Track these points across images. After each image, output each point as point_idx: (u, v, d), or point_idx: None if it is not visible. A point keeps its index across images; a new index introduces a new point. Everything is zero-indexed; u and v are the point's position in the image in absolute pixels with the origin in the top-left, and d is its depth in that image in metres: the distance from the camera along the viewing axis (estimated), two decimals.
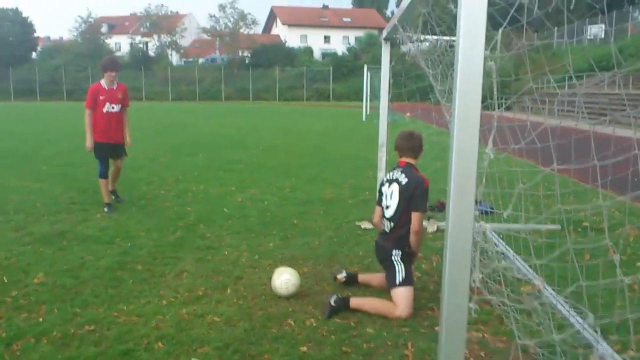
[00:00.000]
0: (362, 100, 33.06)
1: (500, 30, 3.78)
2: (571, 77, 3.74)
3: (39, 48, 70.71)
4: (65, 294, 4.89)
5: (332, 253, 6.19)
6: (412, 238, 4.69)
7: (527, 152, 4.09)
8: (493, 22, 3.82)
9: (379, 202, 5.00)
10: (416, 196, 4.64)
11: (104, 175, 8.22)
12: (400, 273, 4.62)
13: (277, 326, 4.31)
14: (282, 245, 6.46)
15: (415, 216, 4.64)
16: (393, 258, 4.71)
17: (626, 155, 3.11)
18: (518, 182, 3.70)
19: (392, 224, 4.79)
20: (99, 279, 5.28)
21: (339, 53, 67.87)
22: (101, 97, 7.98)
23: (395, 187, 4.76)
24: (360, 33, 70.21)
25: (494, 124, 3.70)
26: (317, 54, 71.43)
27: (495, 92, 3.61)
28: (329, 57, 66.04)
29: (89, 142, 8.07)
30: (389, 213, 4.81)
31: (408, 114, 16.34)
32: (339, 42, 77.66)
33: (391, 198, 4.78)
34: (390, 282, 4.67)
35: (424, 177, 4.74)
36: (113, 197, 8.50)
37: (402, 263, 4.67)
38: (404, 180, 4.71)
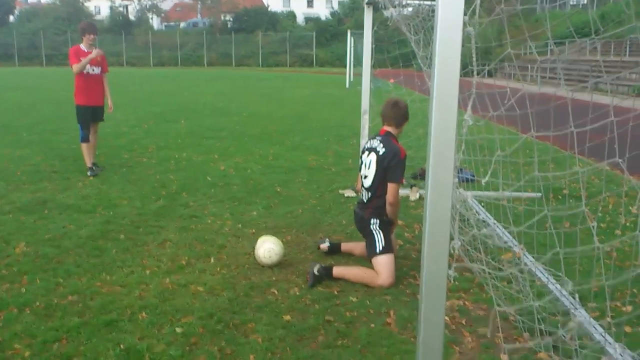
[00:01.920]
0: (345, 67, 32.81)
1: None
2: (553, 43, 3.71)
3: (16, 11, 69.13)
4: (47, 264, 4.88)
5: (316, 221, 6.21)
6: (388, 209, 4.71)
7: (508, 119, 4.10)
8: None
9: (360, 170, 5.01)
10: (392, 167, 4.64)
11: (85, 139, 8.22)
12: (379, 242, 4.66)
13: (261, 295, 4.34)
14: (265, 214, 6.47)
15: (390, 187, 4.65)
16: (372, 227, 4.74)
17: (603, 121, 3.13)
18: (498, 149, 3.72)
19: (369, 193, 4.80)
20: (81, 249, 5.27)
21: (322, 18, 67.11)
22: (82, 59, 7.92)
23: (373, 156, 4.76)
24: None
25: (473, 90, 3.70)
26: (300, 19, 70.57)
27: (474, 59, 3.59)
28: (312, 22, 65.29)
29: (93, 53, 8.04)
30: (366, 183, 4.82)
31: (392, 81, 16.27)
32: (322, 5, 76.80)
33: (369, 168, 4.79)
34: (371, 251, 4.70)
35: (401, 148, 4.73)
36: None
37: (381, 232, 4.70)
38: (381, 150, 4.71)
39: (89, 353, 3.47)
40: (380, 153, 4.70)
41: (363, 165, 4.89)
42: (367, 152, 4.88)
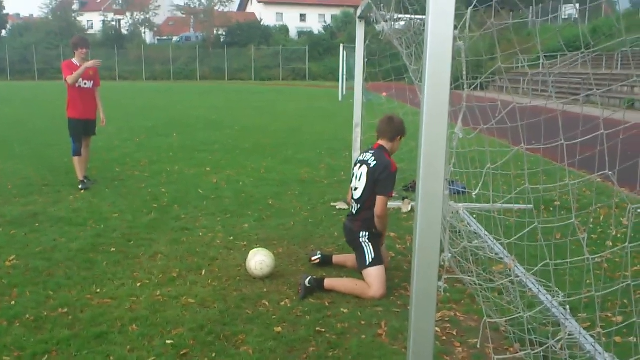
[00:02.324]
0: (338, 80, 32.92)
1: (469, 10, 3.79)
2: (544, 57, 3.75)
3: (8, 26, 69.15)
4: (37, 277, 4.86)
5: (308, 234, 6.21)
6: (377, 221, 4.71)
7: (499, 131, 4.13)
8: (468, 1, 3.83)
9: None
10: (382, 180, 4.66)
11: (77, 152, 8.22)
12: (369, 254, 4.66)
13: (252, 307, 4.33)
14: (257, 226, 6.47)
15: (379, 200, 4.65)
16: (361, 240, 4.74)
17: (594, 134, 3.16)
18: (489, 161, 3.74)
19: (359, 205, 4.82)
20: (72, 262, 5.24)
21: (315, 32, 67.39)
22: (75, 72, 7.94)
23: (364, 169, 4.78)
24: (337, 11, 69.60)
25: (463, 104, 3.73)
26: (292, 33, 70.81)
27: (464, 72, 3.62)
28: (305, 36, 65.54)
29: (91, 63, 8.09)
30: (356, 195, 4.84)
31: (384, 94, 16.33)
32: (315, 20, 76.99)
33: (359, 180, 4.81)
34: (361, 264, 4.71)
35: (392, 162, 4.76)
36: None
37: (370, 244, 4.71)
38: (372, 162, 4.74)
39: None
40: (372, 165, 4.72)
41: (354, 178, 4.90)
42: (358, 165, 4.90)
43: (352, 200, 4.93)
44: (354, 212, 4.89)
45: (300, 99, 29.90)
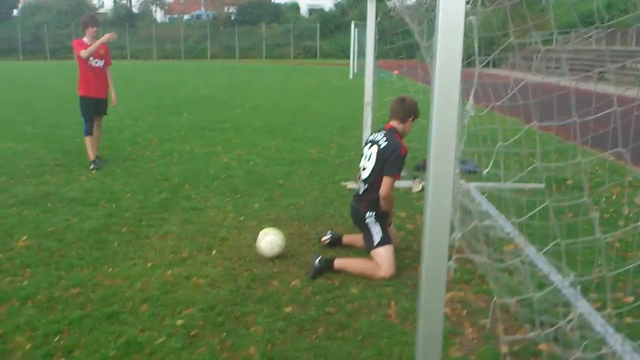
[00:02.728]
0: (349, 58, 32.71)
1: None
2: (558, 33, 3.69)
3: (19, 5, 69.11)
4: (49, 257, 4.89)
5: (318, 214, 6.20)
6: (382, 202, 4.68)
7: (511, 109, 4.08)
8: None
9: None
10: (390, 161, 4.62)
11: (89, 132, 8.25)
12: (377, 234, 4.65)
13: (262, 287, 4.34)
14: (267, 206, 6.47)
15: (385, 180, 4.60)
16: (367, 220, 4.73)
17: (607, 111, 3.11)
18: (500, 140, 3.70)
19: (366, 185, 4.79)
20: (84, 242, 5.28)
21: (326, 9, 66.84)
22: (88, 47, 7.94)
23: (374, 149, 4.75)
24: None
25: (475, 80, 3.68)
26: (303, 10, 70.31)
27: (476, 48, 3.57)
28: (316, 14, 65.06)
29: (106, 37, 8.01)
30: (364, 174, 4.81)
31: (396, 72, 16.22)
32: None
33: (368, 160, 4.78)
34: (369, 244, 4.69)
35: (403, 144, 4.72)
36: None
37: (377, 224, 4.69)
38: (383, 143, 4.70)
39: (90, 345, 3.48)
40: (382, 146, 4.68)
41: (363, 157, 4.87)
42: (369, 145, 4.86)
43: (360, 181, 4.91)
44: (361, 192, 4.87)
45: (311, 77, 29.77)
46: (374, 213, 4.72)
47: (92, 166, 8.17)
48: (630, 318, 3.66)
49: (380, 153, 4.68)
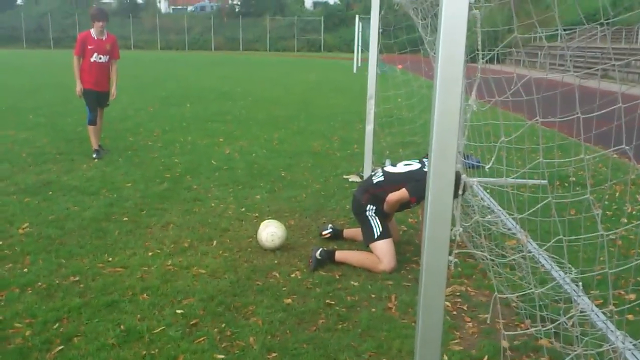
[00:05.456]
0: (353, 52, 32.66)
1: None
2: (563, 29, 3.66)
3: None
4: (50, 245, 4.89)
5: (319, 206, 6.19)
6: (385, 204, 4.62)
7: (515, 105, 4.06)
8: None
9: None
10: (420, 182, 4.48)
11: (93, 122, 8.24)
12: (376, 227, 4.61)
13: (262, 278, 4.33)
14: (269, 198, 6.46)
15: (402, 192, 4.50)
16: (367, 213, 4.69)
17: (611, 108, 3.09)
18: (503, 135, 3.68)
19: (383, 180, 4.73)
20: (85, 230, 5.27)
21: (331, 2, 66.71)
22: (89, 47, 7.98)
23: (418, 164, 4.73)
24: None
25: (478, 75, 3.65)
26: (308, 3, 70.18)
27: (479, 43, 3.55)
28: (321, 7, 64.96)
29: (78, 88, 8.11)
30: (391, 169, 4.78)
31: (400, 67, 16.19)
32: None
33: (405, 165, 4.76)
34: (368, 238, 4.66)
35: None
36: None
37: (376, 218, 4.66)
38: (426, 168, 4.67)
39: (90, 333, 3.47)
40: (424, 169, 4.61)
41: (405, 160, 4.87)
42: (415, 159, 4.91)
43: (382, 169, 4.87)
44: (374, 181, 4.78)
45: (315, 71, 29.73)
46: (374, 207, 4.69)
47: (94, 155, 8.17)
48: (632, 315, 3.65)
49: (417, 171, 4.64)
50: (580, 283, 3.92)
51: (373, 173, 4.97)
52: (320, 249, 4.57)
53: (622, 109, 3.03)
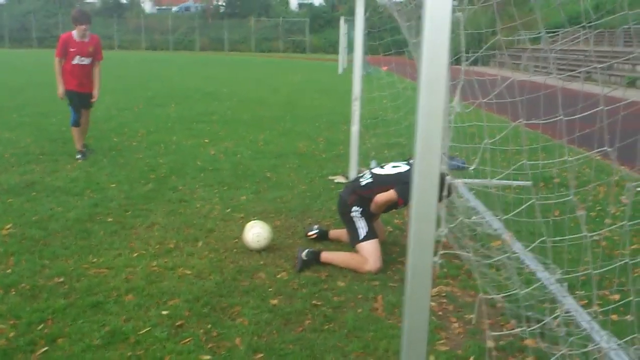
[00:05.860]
0: (338, 53, 32.70)
1: None
2: (546, 32, 3.69)
3: None
4: (34, 246, 4.85)
5: (305, 207, 6.19)
6: (372, 205, 4.62)
7: (499, 107, 4.09)
8: None
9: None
10: (407, 184, 4.54)
11: (76, 123, 8.16)
12: (362, 229, 4.63)
13: (248, 279, 4.33)
14: (254, 199, 6.45)
15: (390, 194, 4.49)
16: (352, 214, 4.70)
17: (593, 110, 3.12)
18: (487, 137, 3.70)
19: (371, 181, 4.73)
20: (69, 231, 5.23)
21: (316, 3, 66.76)
22: (71, 49, 7.85)
23: (406, 167, 4.72)
24: None
25: (461, 77, 3.68)
26: (293, 4, 70.14)
27: (462, 45, 3.57)
28: (306, 8, 64.96)
29: (60, 90, 8.01)
30: (378, 171, 4.78)
31: (385, 68, 16.23)
32: None
33: (393, 167, 4.76)
34: (353, 238, 4.68)
35: None
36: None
37: (362, 218, 4.66)
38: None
39: (74, 334, 3.45)
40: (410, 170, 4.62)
41: (391, 163, 4.86)
42: (403, 161, 4.90)
43: (370, 171, 4.87)
44: (362, 183, 4.78)
45: (300, 72, 29.72)
46: (360, 209, 4.69)
47: (78, 156, 8.10)
48: (616, 315, 3.69)
49: (406, 173, 4.63)
50: (565, 284, 3.95)
51: (360, 175, 4.97)
52: (307, 250, 4.57)
53: (605, 112, 3.06)
